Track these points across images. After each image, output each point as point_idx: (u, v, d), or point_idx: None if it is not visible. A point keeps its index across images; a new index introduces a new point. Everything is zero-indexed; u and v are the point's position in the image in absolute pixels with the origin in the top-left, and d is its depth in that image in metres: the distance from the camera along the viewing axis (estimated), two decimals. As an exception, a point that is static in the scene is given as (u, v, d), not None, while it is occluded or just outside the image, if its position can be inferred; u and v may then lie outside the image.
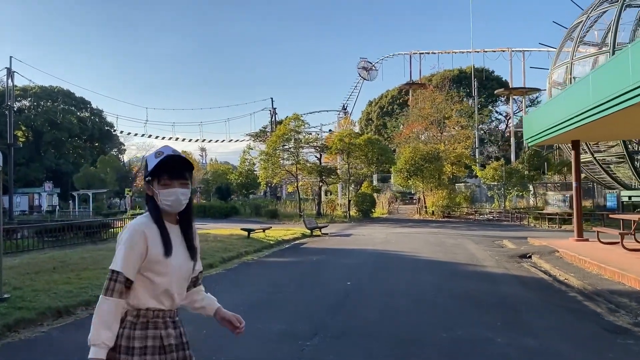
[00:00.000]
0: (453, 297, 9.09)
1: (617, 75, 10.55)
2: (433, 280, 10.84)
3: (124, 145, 79.78)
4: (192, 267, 2.33)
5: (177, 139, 62.04)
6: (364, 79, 58.50)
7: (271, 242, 19.42)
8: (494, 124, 70.05)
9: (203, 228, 27.13)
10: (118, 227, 23.47)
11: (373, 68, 58.88)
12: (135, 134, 69.24)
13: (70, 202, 55.24)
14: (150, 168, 2.25)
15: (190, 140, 65.44)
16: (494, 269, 12.52)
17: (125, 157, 76.74)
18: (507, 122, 69.74)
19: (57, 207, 52.94)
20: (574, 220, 17.57)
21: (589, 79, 12.11)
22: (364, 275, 11.60)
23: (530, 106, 56.37)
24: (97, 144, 75.20)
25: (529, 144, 20.04)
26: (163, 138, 63.35)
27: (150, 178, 2.26)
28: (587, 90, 12.11)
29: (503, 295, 9.40)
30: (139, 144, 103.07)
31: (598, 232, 16.03)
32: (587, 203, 29.63)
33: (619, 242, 15.43)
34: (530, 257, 14.76)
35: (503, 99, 67.79)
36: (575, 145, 17.28)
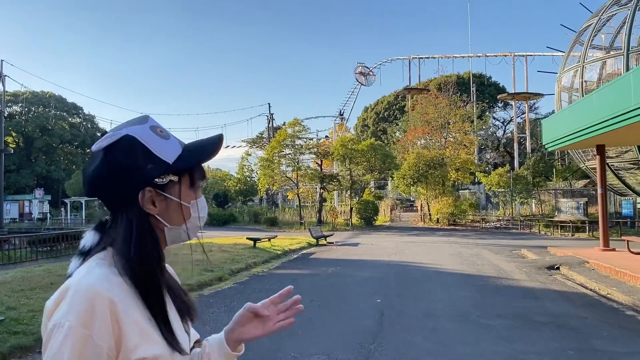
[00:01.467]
0: (501, 317, 8.17)
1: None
2: (470, 297, 9.92)
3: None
4: (187, 341, 1.20)
5: (172, 145, 60.39)
6: (362, 84, 57.68)
7: (278, 252, 18.42)
8: (491, 130, 69.57)
9: (203, 237, 26.04)
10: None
11: (371, 73, 58.08)
12: None
13: (62, 209, 53.87)
14: (168, 157, 1.12)
15: None
16: (528, 283, 11.63)
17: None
18: (505, 128, 69.36)
19: (49, 214, 51.57)
20: (600, 229, 16.73)
21: (630, 80, 11.28)
22: (391, 291, 10.64)
23: (534, 111, 55.73)
24: (89, 150, 73.62)
25: (549, 149, 19.23)
26: (158, 144, 61.86)
27: (171, 178, 1.13)
28: (628, 93, 11.28)
29: (553, 313, 8.50)
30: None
31: (628, 241, 15.19)
32: (595, 210, 28.91)
33: (651, 253, 14.69)
34: (558, 268, 13.91)
35: (501, 105, 67.36)
36: (601, 150, 16.50)
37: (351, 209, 35.43)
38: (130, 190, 1.10)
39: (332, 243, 22.42)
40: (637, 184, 27.99)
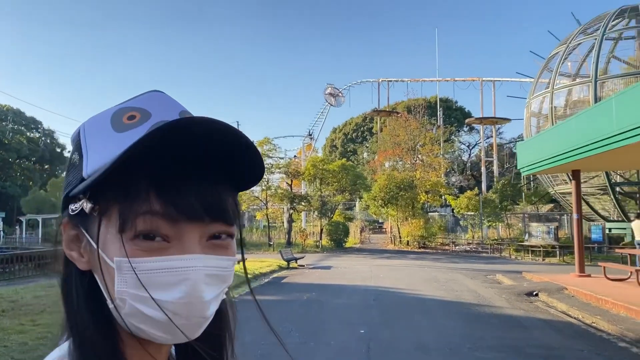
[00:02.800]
0: (493, 350, 7.75)
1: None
2: (456, 327, 9.48)
3: (76, 168, 75.82)
4: None
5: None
6: (331, 105, 57.66)
7: (248, 276, 17.68)
8: (457, 153, 70.63)
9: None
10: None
11: (340, 94, 58.17)
12: None
13: (17, 227, 51.48)
14: (91, 165, 0.64)
15: None
16: (512, 311, 11.30)
17: (79, 180, 72.74)
18: (470, 151, 70.56)
19: (2, 232, 49.16)
20: (576, 254, 16.69)
21: (612, 105, 11.25)
22: (373, 320, 10.12)
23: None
24: (47, 166, 71.23)
25: (524, 173, 19.27)
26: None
27: (90, 204, 0.63)
28: (610, 118, 11.24)
29: (546, 345, 8.14)
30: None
31: (604, 267, 15.13)
32: (562, 234, 29.26)
33: (627, 279, 14.65)
34: (537, 295, 13.68)
35: (466, 129, 68.58)
36: (576, 175, 16.55)
37: (321, 230, 34.89)
38: (67, 222, 0.67)
39: (304, 266, 21.80)
40: (602, 209, 28.50)
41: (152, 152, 0.59)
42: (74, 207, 0.64)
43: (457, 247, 32.22)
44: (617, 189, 26.18)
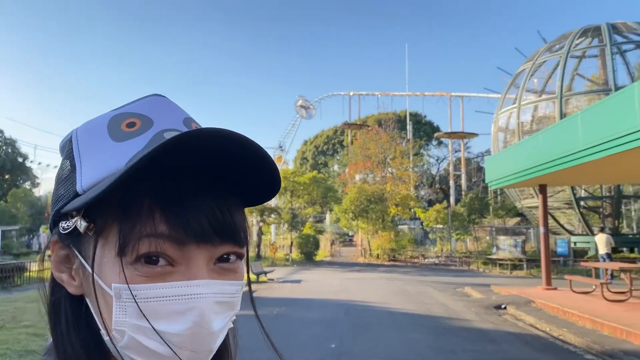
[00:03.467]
0: (464, 365, 7.73)
1: (615, 118, 9.93)
2: (427, 340, 9.44)
3: (39, 178, 73.76)
4: None
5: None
6: (302, 117, 57.78)
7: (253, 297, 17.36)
8: (425, 167, 71.54)
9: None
10: (34, 271, 20.54)
11: (311, 107, 58.37)
12: (55, 166, 63.51)
13: (-26, 239, 49.52)
14: (88, 177, 0.56)
15: None
16: (481, 324, 11.35)
17: (42, 191, 70.74)
18: (439, 165, 71.57)
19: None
20: (543, 268, 16.95)
21: (578, 121, 11.52)
22: (344, 335, 9.99)
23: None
24: (7, 176, 69.02)
25: (492, 187, 19.57)
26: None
27: (85, 222, 0.55)
28: (575, 133, 11.50)
29: (515, 359, 8.17)
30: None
31: (570, 280, 15.40)
32: (529, 248, 29.74)
33: (592, 292, 14.94)
34: (505, 308, 13.79)
35: (435, 143, 69.65)
36: (543, 189, 16.85)
37: (291, 243, 34.64)
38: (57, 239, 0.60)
39: (274, 280, 21.55)
40: (567, 223, 29.16)
41: (158, 165, 0.52)
42: (65, 225, 0.56)
43: (426, 260, 32.41)
44: (582, 203, 26.83)
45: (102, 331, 0.55)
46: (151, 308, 0.52)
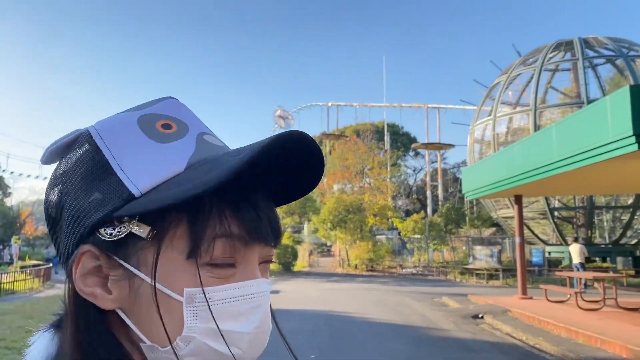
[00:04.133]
0: (443, 374, 7.77)
1: (588, 130, 10.18)
2: (406, 350, 9.47)
3: (10, 188, 72.05)
4: None
5: (77, 182, 56.04)
6: (280, 127, 57.80)
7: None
8: (402, 177, 72.12)
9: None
10: (6, 282, 20.03)
11: (289, 117, 58.49)
12: (28, 175, 61.54)
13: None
14: (141, 179, 0.53)
15: None
16: (459, 334, 11.43)
17: (13, 201, 69.07)
18: (416, 176, 72.20)
19: None
20: (519, 277, 17.19)
21: (552, 133, 11.78)
22: (324, 345, 9.96)
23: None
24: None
25: (469, 197, 19.81)
26: (61, 180, 56.99)
27: (133, 229, 0.52)
28: (550, 145, 11.75)
29: (493, 369, 8.25)
30: (32, 187, 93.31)
31: (545, 290, 15.64)
32: (504, 257, 30.12)
33: (567, 301, 15.20)
34: (482, 317, 13.93)
35: (412, 154, 70.33)
36: (518, 199, 17.14)
37: (269, 253, 34.45)
38: (67, 246, 0.54)
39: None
40: (542, 233, 29.65)
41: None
42: (113, 232, 0.51)
43: (404, 270, 32.56)
44: (556, 213, 27.34)
45: (155, 345, 0.52)
46: (222, 310, 0.52)
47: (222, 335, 0.52)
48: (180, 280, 0.52)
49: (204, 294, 0.51)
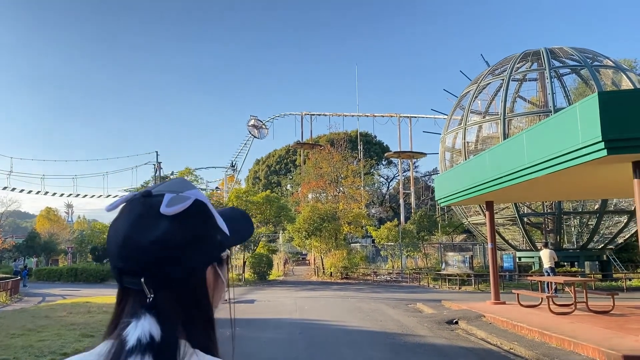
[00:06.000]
0: (421, 380, 7.78)
1: (558, 136, 10.42)
2: (383, 358, 9.50)
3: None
4: None
5: (46, 192, 54.85)
6: (254, 136, 57.46)
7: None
8: (376, 186, 72.59)
9: (79, 295, 23.45)
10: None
11: (263, 126, 58.20)
12: (5, 188, 59.36)
13: None
14: (226, 230, 0.98)
15: (62, 195, 56.95)
16: (435, 339, 11.49)
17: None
18: (389, 184, 72.73)
19: None
20: (491, 283, 17.40)
21: (523, 139, 12.02)
22: (301, 354, 9.90)
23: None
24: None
25: (441, 204, 20.04)
26: (30, 192, 55.73)
27: (227, 253, 0.99)
28: (521, 152, 11.98)
29: (470, 373, 8.30)
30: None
31: (518, 294, 15.87)
32: (475, 263, 30.52)
33: (539, 305, 15.44)
34: (457, 322, 14.05)
35: (385, 162, 70.90)
36: (490, 206, 17.41)
37: (244, 263, 34.16)
38: (202, 263, 0.92)
39: (226, 300, 21.09)
40: (512, 239, 30.16)
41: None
42: (223, 255, 0.96)
43: (378, 277, 32.67)
44: (525, 219, 27.85)
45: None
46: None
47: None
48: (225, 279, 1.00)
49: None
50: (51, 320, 13.67)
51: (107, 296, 21.64)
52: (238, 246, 39.44)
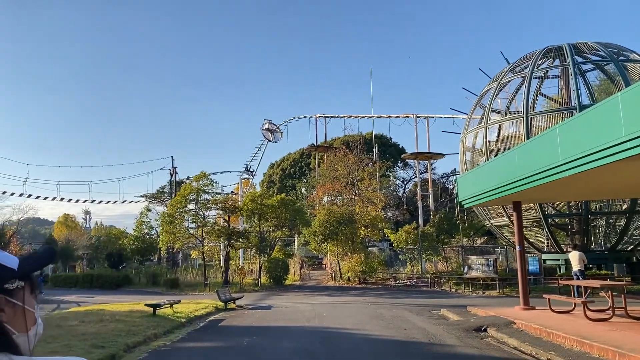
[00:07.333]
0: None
1: (599, 129, 9.66)
2: (412, 370, 8.78)
3: (-6, 206, 70.37)
4: None
5: (61, 199, 54.77)
6: (269, 140, 56.92)
7: (182, 320, 16.28)
8: (392, 188, 71.67)
9: (94, 302, 23.03)
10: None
11: (277, 130, 57.67)
12: (12, 194, 59.43)
13: None
14: (11, 264, 1.18)
15: (77, 201, 56.65)
16: (466, 349, 10.75)
17: (-1, 220, 67.14)
18: (405, 187, 71.74)
19: None
20: (520, 287, 16.59)
21: (556, 134, 11.25)
22: (323, 367, 9.23)
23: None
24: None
25: (466, 206, 19.22)
26: (45, 198, 55.64)
27: (18, 284, 1.18)
28: (555, 148, 11.22)
29: (509, 389, 7.57)
30: (15, 205, 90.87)
31: (549, 299, 15.03)
32: (499, 266, 29.57)
33: (572, 310, 14.60)
34: (485, 330, 13.29)
35: (400, 165, 69.94)
36: (517, 206, 16.59)
37: (260, 267, 33.58)
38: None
39: (242, 307, 20.55)
40: (535, 241, 29.18)
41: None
42: (9, 285, 1.14)
43: (397, 282, 31.86)
44: (549, 220, 26.88)
45: (25, 331, 1.16)
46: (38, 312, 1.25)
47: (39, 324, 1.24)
48: (31, 304, 1.19)
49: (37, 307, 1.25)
50: (62, 329, 13.17)
51: (121, 303, 21.22)
52: (254, 250, 38.93)
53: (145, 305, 17.67)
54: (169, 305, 18.09)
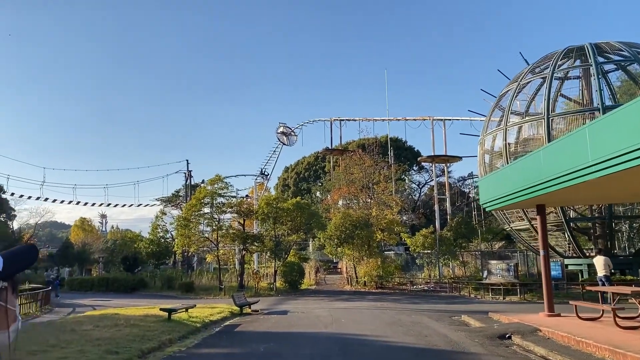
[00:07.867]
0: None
1: (632, 128, 9.20)
2: (437, 381, 8.38)
3: (15, 210, 70.96)
4: None
5: (77, 202, 55.06)
6: (283, 143, 56.74)
7: (197, 325, 16.01)
8: (407, 191, 70.98)
9: (109, 306, 22.91)
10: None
11: (292, 133, 57.46)
12: (29, 197, 59.78)
13: None
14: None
15: (93, 205, 56.79)
16: (490, 358, 10.31)
17: (15, 224, 67.88)
18: (421, 190, 71.08)
19: None
20: (545, 293, 16.07)
21: (586, 134, 10.79)
22: (343, 376, 8.87)
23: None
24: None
25: (488, 209, 18.75)
26: (62, 202, 56.03)
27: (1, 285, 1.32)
28: (584, 148, 10.75)
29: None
30: (32, 209, 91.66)
31: (576, 306, 14.50)
32: (519, 271, 28.92)
33: (599, 318, 14.06)
34: (510, 337, 12.82)
35: (416, 168, 69.30)
36: (541, 209, 16.10)
37: (275, 271, 33.29)
38: None
39: (258, 311, 20.24)
40: (556, 246, 28.48)
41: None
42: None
43: (414, 287, 31.34)
44: (571, 224, 26.21)
45: (6, 328, 1.28)
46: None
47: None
48: (13, 303, 1.33)
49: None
50: (76, 334, 12.99)
51: (136, 307, 21.07)
52: (269, 254, 38.66)
53: (160, 309, 17.49)
54: (184, 310, 17.87)
